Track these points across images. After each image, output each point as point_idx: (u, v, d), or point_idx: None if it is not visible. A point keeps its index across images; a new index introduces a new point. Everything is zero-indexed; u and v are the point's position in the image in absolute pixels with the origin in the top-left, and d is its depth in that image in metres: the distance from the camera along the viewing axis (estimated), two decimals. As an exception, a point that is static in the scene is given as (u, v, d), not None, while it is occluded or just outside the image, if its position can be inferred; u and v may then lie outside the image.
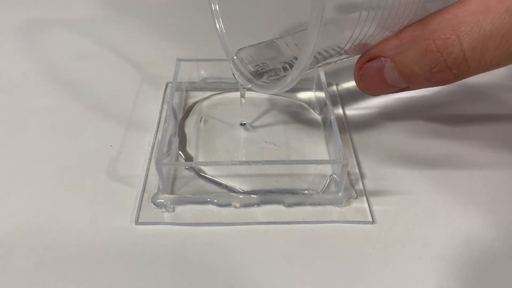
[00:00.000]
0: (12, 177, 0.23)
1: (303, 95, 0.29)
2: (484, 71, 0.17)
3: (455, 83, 0.18)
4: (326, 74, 0.26)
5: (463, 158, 0.24)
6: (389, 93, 0.20)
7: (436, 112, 0.27)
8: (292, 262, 0.19)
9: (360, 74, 0.20)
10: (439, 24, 0.17)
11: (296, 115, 0.27)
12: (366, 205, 0.22)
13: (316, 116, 0.27)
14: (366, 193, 0.22)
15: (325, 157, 0.24)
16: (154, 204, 0.21)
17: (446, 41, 0.16)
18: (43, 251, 0.19)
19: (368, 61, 0.19)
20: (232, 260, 0.19)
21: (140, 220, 0.21)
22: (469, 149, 0.25)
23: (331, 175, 0.23)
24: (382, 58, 0.18)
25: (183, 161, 0.24)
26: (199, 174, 0.23)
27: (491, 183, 0.23)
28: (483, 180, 0.23)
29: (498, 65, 0.17)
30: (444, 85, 0.18)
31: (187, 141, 0.25)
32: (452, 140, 0.25)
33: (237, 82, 0.23)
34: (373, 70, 0.19)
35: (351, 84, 0.30)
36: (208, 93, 0.29)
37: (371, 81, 0.19)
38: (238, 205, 0.21)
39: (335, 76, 0.30)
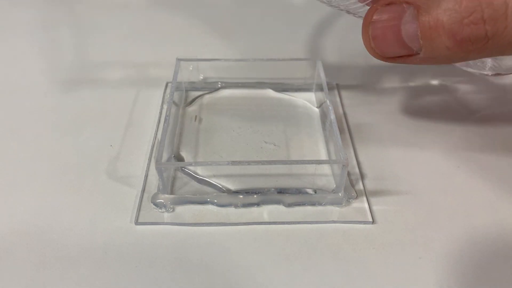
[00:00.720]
0: (12, 177, 0.23)
1: (303, 95, 0.29)
2: None
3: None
4: (326, 74, 0.26)
5: (463, 158, 0.24)
6: (397, 59, 0.18)
7: (437, 112, 0.27)
8: (292, 262, 0.19)
9: (370, 23, 0.17)
10: None
11: (296, 115, 0.27)
12: (366, 205, 0.22)
13: (316, 116, 0.27)
14: (366, 193, 0.22)
15: (325, 157, 0.24)
16: (154, 204, 0.21)
17: None
18: (43, 251, 0.19)
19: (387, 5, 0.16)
20: (232, 260, 0.19)
21: (140, 220, 0.21)
22: (469, 149, 0.25)
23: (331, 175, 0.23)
24: (404, 4, 0.16)
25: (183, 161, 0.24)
26: (194, 176, 0.22)
27: (491, 183, 0.23)
28: (483, 180, 0.23)
29: None
30: (463, 54, 0.16)
31: (187, 141, 0.25)
32: (452, 140, 0.25)
33: None
34: (389, 19, 0.16)
35: (351, 84, 0.30)
36: (207, 91, 0.29)
37: (383, 34, 0.17)
38: (238, 204, 0.21)
39: (335, 76, 0.30)
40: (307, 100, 0.28)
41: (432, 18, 0.16)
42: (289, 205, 0.21)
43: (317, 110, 0.27)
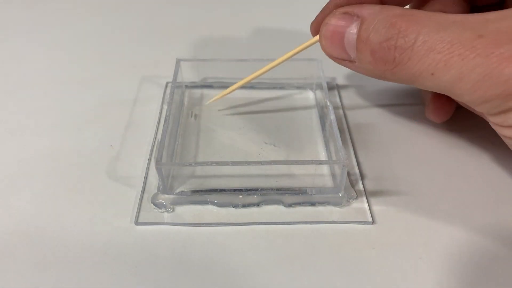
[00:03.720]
0: (12, 177, 0.23)
1: (303, 95, 0.29)
2: (415, 77, 0.18)
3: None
4: (326, 74, 0.26)
5: (463, 158, 0.24)
6: (338, 60, 0.20)
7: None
8: (292, 262, 0.19)
9: (325, 24, 0.20)
10: (419, 13, 0.17)
11: (296, 115, 0.27)
12: (366, 205, 0.22)
13: (316, 116, 0.27)
14: (366, 193, 0.22)
15: (325, 157, 0.24)
16: (154, 204, 0.21)
17: (409, 24, 0.17)
18: (43, 251, 0.19)
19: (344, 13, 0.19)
20: (232, 260, 0.19)
21: (140, 220, 0.21)
22: (469, 149, 0.25)
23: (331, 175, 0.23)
24: (355, 17, 0.19)
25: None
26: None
27: (491, 183, 0.23)
28: (483, 180, 0.23)
29: (432, 75, 0.17)
30: (380, 72, 0.18)
31: (187, 142, 0.25)
32: (452, 140, 0.25)
33: None
34: (339, 25, 0.19)
35: (351, 84, 0.30)
36: (207, 91, 0.29)
37: (331, 36, 0.19)
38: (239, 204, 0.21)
39: (335, 76, 0.30)
40: (307, 100, 0.28)
41: (365, 34, 0.18)
42: (289, 205, 0.21)
43: (317, 110, 0.27)
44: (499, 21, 0.16)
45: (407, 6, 0.23)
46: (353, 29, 0.19)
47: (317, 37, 0.21)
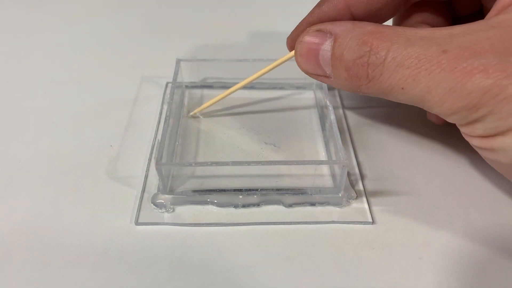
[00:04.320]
0: (12, 177, 0.23)
1: (303, 95, 0.29)
2: (387, 91, 0.18)
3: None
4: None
5: (463, 158, 0.24)
6: (314, 76, 0.21)
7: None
8: (292, 262, 0.19)
9: (300, 42, 0.20)
10: (389, 30, 0.18)
11: (296, 116, 0.27)
12: (366, 205, 0.22)
13: (316, 116, 0.27)
14: (366, 194, 0.22)
15: (325, 157, 0.24)
16: (154, 205, 0.21)
17: (379, 41, 0.18)
18: (43, 251, 0.19)
19: (317, 31, 0.20)
20: (232, 260, 0.19)
21: (140, 221, 0.21)
22: (469, 149, 0.25)
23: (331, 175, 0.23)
24: (328, 34, 0.19)
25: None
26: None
27: (491, 184, 0.23)
28: (483, 180, 0.23)
29: (403, 89, 0.18)
30: (355, 87, 0.19)
31: (187, 142, 0.25)
32: (452, 140, 0.25)
33: None
34: (313, 43, 0.20)
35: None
36: (207, 91, 0.29)
37: (306, 54, 0.20)
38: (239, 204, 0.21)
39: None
40: (307, 101, 0.28)
41: (339, 51, 0.19)
42: (289, 205, 0.21)
43: (317, 110, 0.27)
44: (463, 35, 0.17)
45: (391, 19, 0.23)
46: (327, 47, 0.19)
47: (293, 52, 0.21)
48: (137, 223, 0.21)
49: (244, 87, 0.28)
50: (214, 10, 0.38)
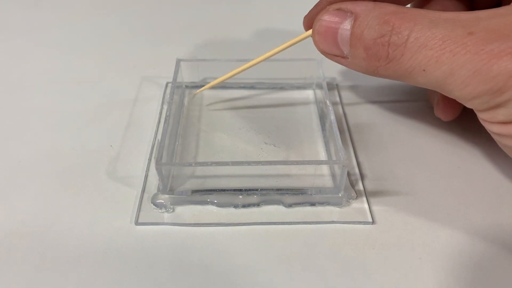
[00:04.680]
0: (12, 177, 0.23)
1: (303, 94, 0.29)
2: (407, 73, 0.18)
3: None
4: (326, 74, 0.26)
5: (463, 158, 0.24)
6: (330, 56, 0.20)
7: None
8: (292, 262, 0.19)
9: (318, 20, 0.20)
10: (411, 11, 0.17)
11: (296, 115, 0.27)
12: (366, 205, 0.22)
13: (316, 116, 0.27)
14: (366, 194, 0.22)
15: (325, 157, 0.24)
16: (154, 205, 0.21)
17: (402, 21, 0.17)
18: (43, 251, 0.19)
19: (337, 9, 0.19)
20: (232, 260, 0.19)
21: (140, 221, 0.21)
22: (469, 149, 0.25)
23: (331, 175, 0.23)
24: (348, 13, 0.19)
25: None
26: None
27: (491, 184, 0.23)
28: (483, 180, 0.23)
29: (424, 71, 0.17)
30: (373, 68, 0.19)
31: (187, 142, 0.25)
32: (452, 140, 0.25)
33: None
34: (332, 21, 0.19)
35: (351, 84, 0.30)
36: (207, 91, 0.29)
37: (324, 32, 0.20)
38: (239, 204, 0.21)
39: (335, 75, 0.30)
40: (307, 100, 0.28)
41: (360, 30, 0.18)
42: (289, 205, 0.21)
43: (317, 110, 0.27)
44: (490, 18, 0.16)
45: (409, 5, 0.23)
46: (346, 25, 0.19)
47: (310, 31, 0.21)
48: (137, 223, 0.21)
49: (244, 87, 0.28)
50: (214, 10, 0.38)
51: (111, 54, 0.32)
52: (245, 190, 0.22)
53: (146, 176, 0.23)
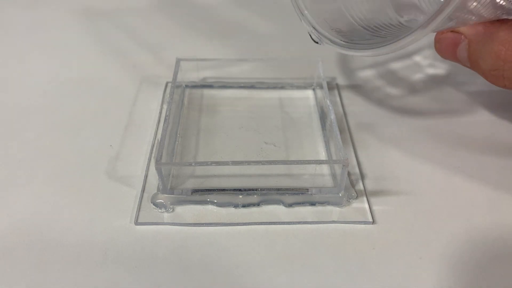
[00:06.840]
0: (12, 177, 0.23)
1: (303, 94, 0.29)
2: None
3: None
4: (327, 73, 0.26)
5: (463, 158, 0.24)
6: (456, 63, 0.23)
7: (437, 111, 0.27)
8: (292, 262, 0.19)
9: (439, 37, 0.22)
10: None
11: (296, 115, 0.27)
12: (366, 205, 0.22)
13: (316, 115, 0.27)
14: (366, 193, 0.22)
15: (325, 157, 0.24)
16: (154, 204, 0.21)
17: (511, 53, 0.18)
18: (43, 251, 0.19)
19: (451, 31, 0.21)
20: (232, 260, 0.19)
21: (139, 220, 0.21)
22: (469, 149, 0.25)
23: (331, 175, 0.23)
24: (462, 36, 0.21)
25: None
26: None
27: (491, 183, 0.23)
28: (483, 180, 0.23)
29: None
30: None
31: (187, 142, 0.25)
32: (452, 140, 0.25)
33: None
34: (450, 41, 0.22)
35: (351, 83, 0.30)
36: (207, 91, 0.29)
37: (446, 48, 0.22)
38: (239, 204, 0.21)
39: (335, 75, 0.30)
40: (307, 100, 0.28)
41: (474, 58, 0.21)
42: (289, 205, 0.21)
43: (317, 110, 0.27)
44: None
45: None
46: (463, 48, 0.21)
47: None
48: (136, 223, 0.21)
49: (244, 87, 0.28)
50: (214, 10, 0.38)
51: (111, 54, 0.32)
52: (245, 190, 0.22)
53: (146, 176, 0.23)
